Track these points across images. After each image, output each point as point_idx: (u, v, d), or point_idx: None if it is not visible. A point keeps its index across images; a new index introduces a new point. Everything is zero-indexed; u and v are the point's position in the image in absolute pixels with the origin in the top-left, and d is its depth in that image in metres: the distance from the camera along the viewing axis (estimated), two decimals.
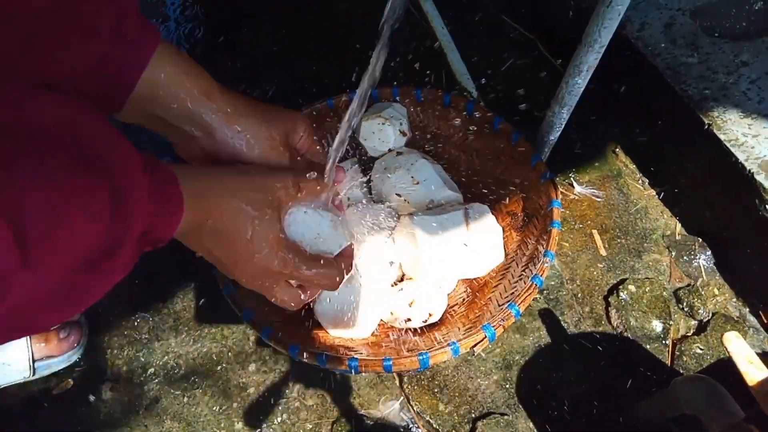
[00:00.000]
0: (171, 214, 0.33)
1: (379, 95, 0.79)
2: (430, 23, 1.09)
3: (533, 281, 0.60)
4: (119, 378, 0.79)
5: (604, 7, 0.54)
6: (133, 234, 0.29)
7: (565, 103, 0.68)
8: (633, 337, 0.78)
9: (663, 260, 0.85)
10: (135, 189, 0.29)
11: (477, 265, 0.70)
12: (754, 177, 0.71)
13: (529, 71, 1.04)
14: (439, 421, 0.73)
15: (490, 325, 0.56)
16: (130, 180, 0.29)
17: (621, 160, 0.95)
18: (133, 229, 0.29)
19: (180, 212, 0.34)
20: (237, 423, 0.74)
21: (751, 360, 0.52)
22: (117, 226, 0.28)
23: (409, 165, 0.74)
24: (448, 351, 0.55)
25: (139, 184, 0.29)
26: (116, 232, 0.28)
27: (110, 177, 0.27)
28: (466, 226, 0.68)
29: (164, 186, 0.32)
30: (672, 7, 0.88)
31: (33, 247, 0.23)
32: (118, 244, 0.28)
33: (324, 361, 0.56)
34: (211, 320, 0.82)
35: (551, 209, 0.65)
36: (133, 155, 0.30)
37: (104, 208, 0.27)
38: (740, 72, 0.80)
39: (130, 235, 0.29)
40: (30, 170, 0.23)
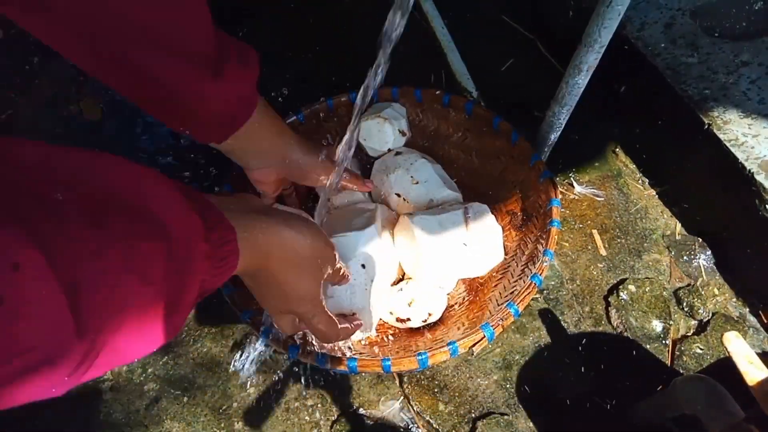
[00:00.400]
0: (225, 272, 0.35)
1: (378, 95, 0.79)
2: (430, 23, 1.09)
3: (532, 280, 0.60)
4: (119, 378, 0.79)
5: (604, 7, 0.54)
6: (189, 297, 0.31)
7: (565, 103, 0.68)
8: (633, 337, 0.78)
9: (663, 260, 0.85)
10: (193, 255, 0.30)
11: (477, 264, 0.70)
12: (754, 177, 0.71)
13: (529, 71, 1.04)
14: (439, 421, 0.73)
15: (488, 325, 0.56)
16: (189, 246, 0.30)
17: (621, 160, 0.95)
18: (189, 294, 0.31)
19: (234, 268, 0.36)
20: (237, 423, 0.74)
21: (751, 360, 0.52)
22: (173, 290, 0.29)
23: (408, 165, 0.74)
24: (447, 351, 0.55)
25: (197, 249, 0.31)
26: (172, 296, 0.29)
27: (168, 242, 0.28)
28: (465, 225, 0.68)
29: (221, 246, 0.34)
30: (672, 7, 0.88)
31: (87, 314, 0.23)
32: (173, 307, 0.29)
33: (323, 361, 0.56)
34: (211, 320, 0.82)
35: (550, 208, 0.65)
36: (194, 220, 0.31)
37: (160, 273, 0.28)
38: (740, 72, 0.80)
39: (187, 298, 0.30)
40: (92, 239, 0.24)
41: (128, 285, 0.26)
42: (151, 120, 1.03)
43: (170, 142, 1.00)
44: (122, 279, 0.25)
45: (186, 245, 0.29)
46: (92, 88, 1.08)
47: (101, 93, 1.07)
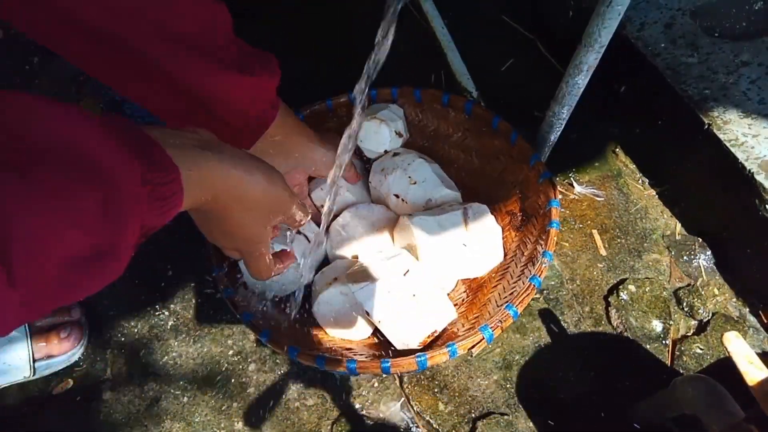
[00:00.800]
0: (168, 211, 0.33)
1: (378, 95, 0.79)
2: (430, 23, 1.09)
3: (531, 282, 0.60)
4: (119, 378, 0.79)
5: (604, 7, 0.54)
6: (126, 243, 0.30)
7: (565, 103, 0.68)
8: (633, 337, 0.78)
9: (663, 260, 0.85)
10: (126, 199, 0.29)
11: (476, 265, 0.70)
12: (754, 177, 0.71)
13: (529, 71, 1.04)
14: (439, 421, 0.73)
15: (487, 327, 0.56)
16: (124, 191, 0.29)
17: (621, 160, 0.95)
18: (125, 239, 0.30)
19: (178, 207, 0.34)
20: (237, 423, 0.74)
21: (751, 360, 0.52)
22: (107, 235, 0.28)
23: (405, 165, 0.74)
24: (446, 353, 0.55)
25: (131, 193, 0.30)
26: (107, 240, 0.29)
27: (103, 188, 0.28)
28: (465, 226, 0.68)
29: (165, 185, 0.32)
30: (672, 7, 0.88)
31: (16, 267, 0.24)
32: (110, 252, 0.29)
33: (323, 363, 0.56)
34: (211, 320, 0.82)
35: (550, 209, 0.65)
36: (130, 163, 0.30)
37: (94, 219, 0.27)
38: (740, 72, 0.80)
39: (123, 244, 0.30)
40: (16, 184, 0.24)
41: (61, 232, 0.26)
42: (151, 120, 1.03)
43: None
44: (54, 227, 0.25)
45: (122, 188, 0.29)
46: (92, 88, 1.08)
47: (101, 93, 1.07)
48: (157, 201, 0.32)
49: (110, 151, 0.29)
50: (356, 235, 0.73)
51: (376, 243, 0.73)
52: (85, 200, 0.27)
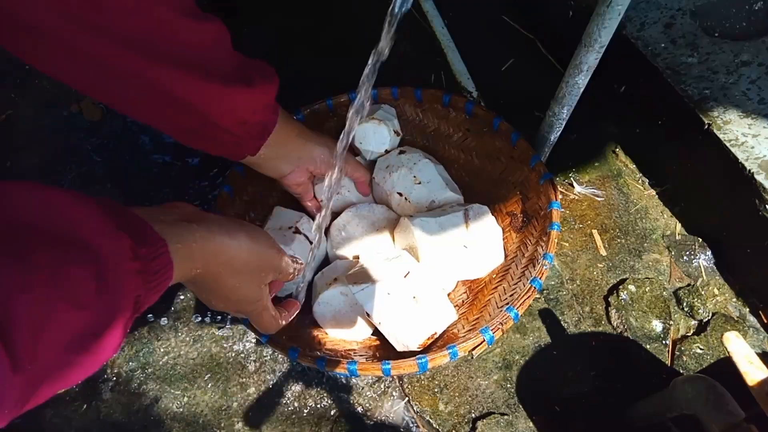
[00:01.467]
0: (158, 285, 0.34)
1: (379, 95, 0.79)
2: (430, 23, 1.09)
3: (532, 284, 0.59)
4: (119, 378, 0.79)
5: (604, 7, 0.54)
6: (122, 317, 0.31)
7: (565, 103, 0.68)
8: (633, 337, 0.78)
9: (663, 260, 0.85)
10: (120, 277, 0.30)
11: (477, 266, 0.70)
12: (754, 177, 0.71)
13: (529, 71, 1.04)
14: (439, 420, 0.73)
15: (488, 329, 0.56)
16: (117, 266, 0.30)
17: (621, 159, 0.95)
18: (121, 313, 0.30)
19: (168, 280, 0.35)
20: (237, 423, 0.74)
21: (751, 360, 0.52)
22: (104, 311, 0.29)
23: (411, 164, 0.74)
24: (446, 355, 0.55)
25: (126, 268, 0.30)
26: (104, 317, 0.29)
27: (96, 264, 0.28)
28: (466, 227, 0.68)
29: (153, 260, 0.33)
30: (672, 7, 0.88)
31: (19, 350, 0.24)
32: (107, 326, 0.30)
33: (324, 364, 0.56)
34: (211, 320, 0.82)
35: (551, 211, 0.65)
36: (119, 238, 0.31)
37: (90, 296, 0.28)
38: (740, 72, 0.80)
39: (119, 318, 0.30)
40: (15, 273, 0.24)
41: (59, 312, 0.26)
42: None
43: (170, 142, 1.00)
44: (52, 307, 0.26)
45: (114, 264, 0.29)
46: None
47: None
48: (149, 275, 0.33)
49: (100, 230, 0.30)
50: (356, 235, 0.73)
51: (377, 243, 0.73)
52: (80, 278, 0.27)
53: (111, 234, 0.30)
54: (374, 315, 0.63)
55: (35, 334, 0.25)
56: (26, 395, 0.26)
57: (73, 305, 0.27)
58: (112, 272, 0.29)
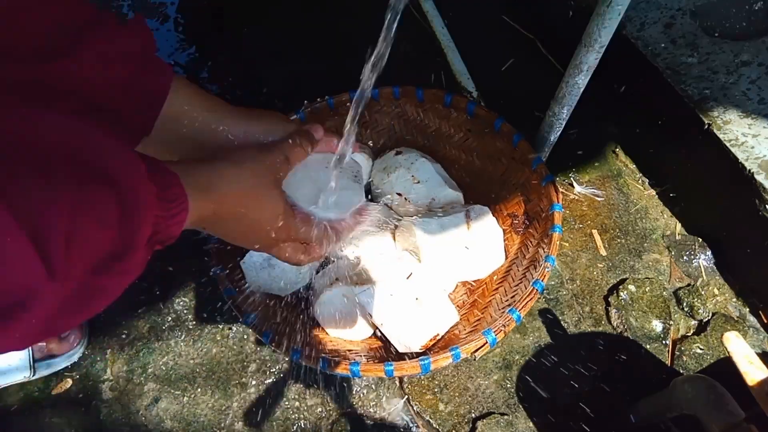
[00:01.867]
0: (176, 215, 0.35)
1: (380, 95, 0.79)
2: (430, 23, 1.09)
3: (534, 286, 0.59)
4: (119, 378, 0.79)
5: (604, 7, 0.54)
6: (142, 237, 0.32)
7: (565, 103, 0.68)
8: (633, 337, 0.78)
9: (663, 260, 0.85)
10: (140, 196, 0.31)
11: (478, 267, 0.70)
12: (754, 177, 0.71)
13: (529, 71, 1.04)
14: (439, 420, 0.73)
15: (491, 331, 0.56)
16: (135, 187, 0.31)
17: (621, 160, 0.95)
18: (141, 232, 0.31)
19: (185, 211, 0.36)
20: (237, 423, 0.74)
21: (751, 360, 0.52)
22: (126, 231, 0.30)
23: (409, 164, 0.74)
24: (449, 356, 0.55)
25: (143, 190, 0.31)
26: (126, 236, 0.30)
27: (116, 186, 0.29)
28: (467, 228, 0.68)
29: (168, 189, 0.34)
30: (672, 7, 0.88)
31: (54, 259, 0.25)
32: (129, 247, 0.31)
33: (326, 365, 0.56)
34: (211, 320, 0.82)
35: (552, 213, 0.65)
36: (137, 163, 0.32)
37: (113, 215, 0.29)
38: (740, 72, 0.80)
39: (139, 238, 0.31)
40: (44, 188, 0.25)
41: (87, 229, 0.27)
42: None
43: None
44: (80, 223, 0.26)
45: (134, 188, 0.30)
46: None
47: None
48: (166, 201, 0.34)
49: (119, 154, 0.31)
50: (358, 236, 0.73)
51: (378, 244, 0.72)
52: (103, 199, 0.28)
53: (129, 160, 0.31)
54: (376, 316, 0.63)
55: (67, 248, 0.26)
56: (59, 310, 0.27)
57: (99, 224, 0.28)
58: (132, 195, 0.30)
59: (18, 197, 0.24)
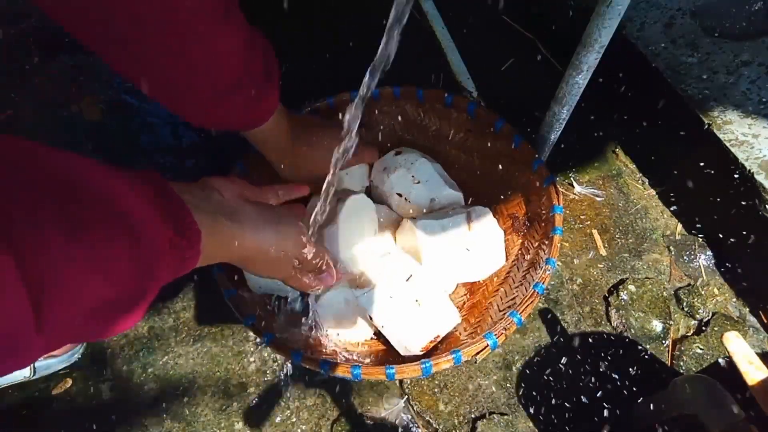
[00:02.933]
0: (183, 271, 0.36)
1: (380, 95, 0.79)
2: (430, 23, 1.09)
3: (535, 289, 0.59)
4: (119, 378, 0.79)
5: (604, 7, 0.54)
6: (149, 297, 0.32)
7: (565, 103, 0.68)
8: (633, 337, 0.78)
9: (663, 260, 0.85)
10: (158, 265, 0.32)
11: (478, 268, 0.70)
12: (754, 177, 0.71)
13: (529, 71, 1.04)
14: (439, 420, 0.73)
15: (492, 334, 0.56)
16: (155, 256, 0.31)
17: (621, 159, 0.95)
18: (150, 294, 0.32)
19: (191, 267, 0.37)
20: (237, 423, 0.74)
21: (751, 360, 0.52)
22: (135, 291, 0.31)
23: (408, 164, 0.74)
24: (450, 359, 0.54)
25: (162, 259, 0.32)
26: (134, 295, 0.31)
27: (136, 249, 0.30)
28: (468, 229, 0.68)
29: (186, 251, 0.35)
30: (672, 7, 0.88)
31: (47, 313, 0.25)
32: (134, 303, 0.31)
33: (327, 368, 0.55)
34: (211, 320, 0.82)
35: (553, 215, 0.65)
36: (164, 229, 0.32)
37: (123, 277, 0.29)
38: (740, 72, 0.80)
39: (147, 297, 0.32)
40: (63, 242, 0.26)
41: (92, 286, 0.27)
42: (151, 120, 1.03)
43: (170, 142, 1.00)
44: (87, 280, 0.27)
45: (152, 253, 0.31)
46: (92, 88, 1.08)
47: (101, 93, 1.07)
48: (178, 262, 0.35)
49: (146, 213, 0.31)
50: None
51: (379, 245, 0.72)
52: (119, 258, 0.29)
53: (156, 222, 0.32)
54: (376, 318, 0.63)
55: (64, 303, 0.26)
56: (44, 351, 0.27)
57: (107, 281, 0.28)
58: (148, 259, 0.31)
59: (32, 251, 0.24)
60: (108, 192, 0.29)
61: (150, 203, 0.32)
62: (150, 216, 0.31)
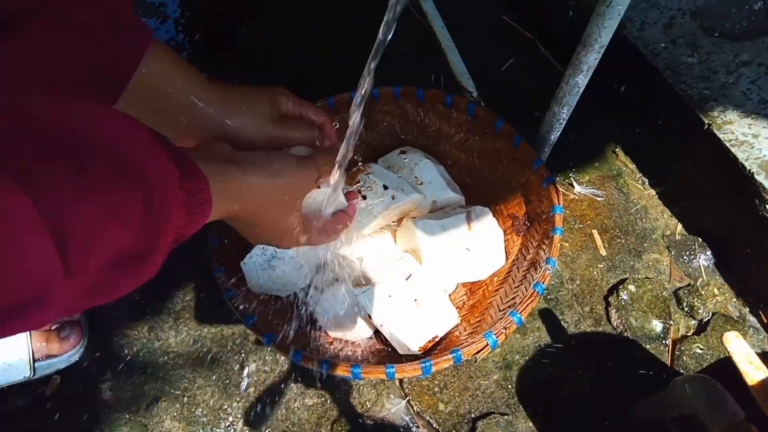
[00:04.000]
0: (198, 219, 0.36)
1: (380, 95, 0.79)
2: (430, 23, 1.09)
3: (535, 288, 0.59)
4: (119, 378, 0.79)
5: (604, 7, 0.54)
6: (164, 243, 0.32)
7: (565, 103, 0.68)
8: (633, 337, 0.78)
9: (663, 260, 0.85)
10: (168, 204, 0.31)
11: (478, 268, 0.70)
12: (754, 177, 0.71)
13: (529, 71, 1.04)
14: (439, 420, 0.73)
15: (491, 333, 0.56)
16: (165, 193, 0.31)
17: (621, 159, 0.95)
18: (164, 239, 0.32)
19: (206, 216, 0.37)
20: (237, 423, 0.74)
21: (751, 360, 0.52)
22: (149, 235, 0.30)
23: (412, 165, 0.74)
24: (450, 359, 0.55)
25: (173, 198, 0.32)
26: (148, 240, 0.30)
27: (147, 188, 0.29)
28: (468, 228, 0.68)
29: (196, 194, 0.35)
30: (672, 7, 0.88)
31: (73, 257, 0.25)
32: (149, 252, 0.31)
33: (327, 367, 0.56)
34: (211, 320, 0.82)
35: (553, 215, 0.65)
36: (169, 166, 0.32)
37: (139, 219, 0.29)
38: (740, 72, 0.80)
39: (162, 244, 0.32)
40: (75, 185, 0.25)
41: (110, 229, 0.27)
42: None
43: None
44: (105, 223, 0.27)
45: (163, 192, 0.30)
46: None
47: None
48: (191, 207, 0.34)
49: (153, 156, 0.31)
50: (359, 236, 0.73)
51: (378, 244, 0.72)
52: (132, 198, 0.28)
53: (163, 162, 0.31)
54: (376, 317, 0.63)
55: (87, 246, 0.26)
56: (71, 302, 0.27)
57: (122, 224, 0.28)
58: (159, 198, 0.30)
59: (47, 192, 0.24)
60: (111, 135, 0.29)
61: (155, 146, 0.31)
62: (156, 156, 0.31)
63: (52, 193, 0.24)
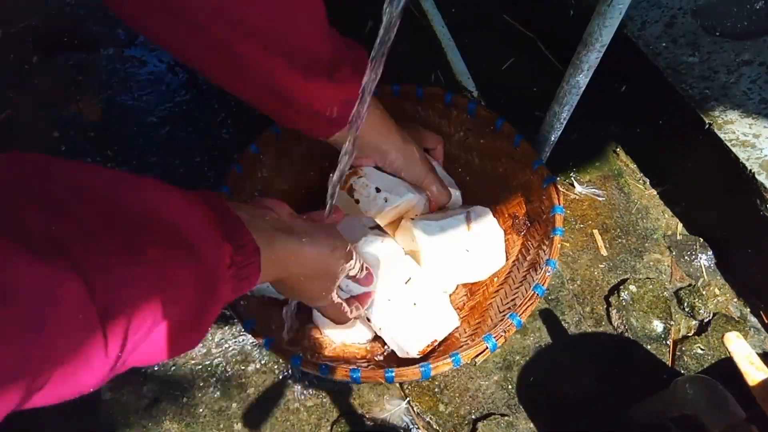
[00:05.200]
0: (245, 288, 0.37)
1: (380, 93, 0.79)
2: (430, 23, 1.09)
3: (535, 290, 0.59)
4: (119, 378, 0.78)
5: (605, 6, 0.54)
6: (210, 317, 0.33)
7: (566, 103, 0.68)
8: (634, 338, 0.77)
9: (664, 260, 0.85)
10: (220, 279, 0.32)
11: (478, 269, 0.70)
12: (755, 177, 0.71)
13: (529, 71, 1.04)
14: (439, 421, 0.73)
15: (491, 336, 0.56)
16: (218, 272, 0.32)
17: (622, 159, 0.95)
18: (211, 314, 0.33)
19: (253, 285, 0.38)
20: (237, 423, 0.74)
21: (752, 360, 0.51)
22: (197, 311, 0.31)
23: None
24: (449, 362, 0.54)
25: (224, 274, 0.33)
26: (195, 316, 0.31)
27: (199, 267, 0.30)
28: (467, 229, 0.68)
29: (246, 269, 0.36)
30: (673, 6, 0.88)
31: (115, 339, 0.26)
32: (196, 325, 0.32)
33: (327, 371, 0.55)
34: None
35: (554, 216, 0.64)
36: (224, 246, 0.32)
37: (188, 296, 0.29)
38: (741, 71, 0.80)
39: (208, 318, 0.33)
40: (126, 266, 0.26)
41: (157, 308, 0.27)
42: (152, 120, 1.03)
43: (170, 144, 1.00)
44: (152, 302, 0.27)
45: (214, 270, 0.31)
46: (91, 88, 1.07)
47: (101, 93, 1.07)
48: (238, 280, 0.35)
49: (204, 231, 0.32)
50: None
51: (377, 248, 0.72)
52: (183, 276, 0.29)
53: (215, 239, 0.32)
54: (375, 321, 0.62)
55: (131, 327, 0.26)
56: (111, 374, 0.28)
57: (171, 302, 0.28)
58: (210, 276, 0.31)
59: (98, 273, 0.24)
60: (164, 212, 0.29)
61: (207, 221, 0.32)
62: (208, 233, 0.31)
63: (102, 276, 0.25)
